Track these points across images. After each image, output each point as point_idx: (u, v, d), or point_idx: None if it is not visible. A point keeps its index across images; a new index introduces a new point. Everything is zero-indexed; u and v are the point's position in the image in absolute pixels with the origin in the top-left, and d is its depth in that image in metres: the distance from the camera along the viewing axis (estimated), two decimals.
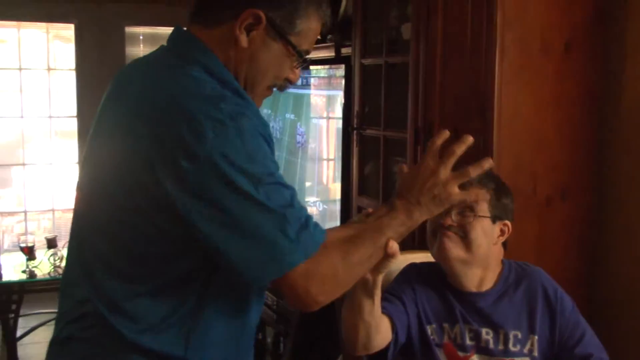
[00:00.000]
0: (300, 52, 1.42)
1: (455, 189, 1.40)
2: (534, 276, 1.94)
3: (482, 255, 1.88)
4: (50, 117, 6.37)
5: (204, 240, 1.26)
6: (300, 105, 4.41)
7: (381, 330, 1.75)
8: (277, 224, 1.25)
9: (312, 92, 4.25)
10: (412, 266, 2.02)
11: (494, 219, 1.87)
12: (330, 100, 4.14)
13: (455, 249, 1.86)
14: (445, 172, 1.39)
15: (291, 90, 4.14)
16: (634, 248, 2.66)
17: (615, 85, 2.70)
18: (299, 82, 4.18)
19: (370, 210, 1.47)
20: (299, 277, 1.26)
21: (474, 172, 1.41)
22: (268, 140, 1.30)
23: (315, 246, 1.28)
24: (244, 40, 1.37)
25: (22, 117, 6.26)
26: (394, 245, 1.38)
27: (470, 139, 1.43)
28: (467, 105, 2.64)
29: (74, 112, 6.31)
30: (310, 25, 1.43)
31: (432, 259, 2.02)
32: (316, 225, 1.31)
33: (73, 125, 6.34)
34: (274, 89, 1.50)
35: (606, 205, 2.75)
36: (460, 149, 1.41)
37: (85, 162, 1.47)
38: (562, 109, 2.66)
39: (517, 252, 2.18)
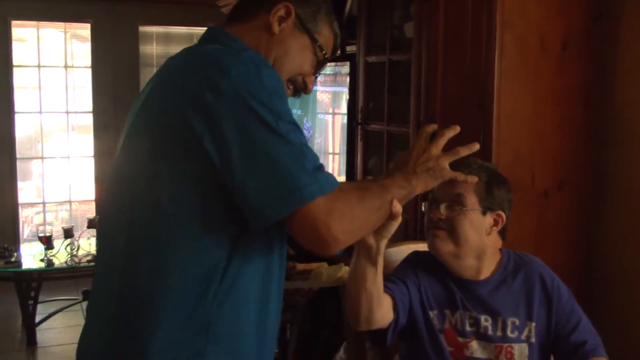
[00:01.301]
0: (321, 46, 1.52)
1: (447, 165, 1.47)
2: (532, 265, 1.93)
3: (473, 246, 1.86)
4: (67, 112, 6.39)
5: (225, 174, 1.26)
6: (307, 101, 4.40)
7: (383, 306, 1.75)
8: (297, 157, 1.26)
9: (319, 88, 4.24)
10: (415, 254, 2.02)
11: (485, 210, 1.85)
12: (335, 96, 4.14)
13: (444, 245, 1.86)
14: (436, 149, 1.47)
15: None
16: (631, 238, 2.65)
17: (610, 83, 2.70)
18: None
19: (370, 178, 1.52)
20: (319, 211, 1.25)
21: (463, 152, 1.50)
22: (282, 93, 1.34)
23: (330, 185, 1.28)
24: (276, 27, 1.47)
25: (40, 112, 6.27)
26: (397, 205, 1.41)
27: (476, 146, 1.52)
28: (467, 101, 2.63)
29: (90, 107, 6.33)
30: (326, 31, 1.54)
31: None
32: (329, 172, 1.33)
33: (89, 120, 6.37)
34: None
35: (603, 196, 2.74)
36: (464, 151, 1.51)
37: (121, 146, 1.51)
38: (560, 105, 2.65)
39: (516, 242, 2.17)
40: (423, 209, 1.95)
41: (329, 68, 4.06)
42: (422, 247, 2.16)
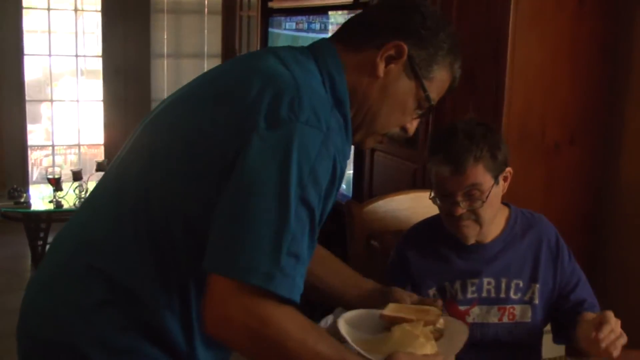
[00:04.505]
0: (429, 96, 1.34)
1: None
2: (539, 226, 1.86)
3: (494, 215, 1.79)
4: (76, 56, 6.32)
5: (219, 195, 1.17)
6: None
7: None
8: (283, 235, 1.12)
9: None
10: (405, 239, 1.92)
11: (497, 179, 1.73)
12: None
13: (473, 231, 1.76)
14: None
15: (310, 34, 4.07)
16: None
17: (626, 39, 2.64)
18: (317, 26, 4.12)
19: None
20: (250, 300, 1.11)
21: None
22: (335, 181, 1.21)
23: (287, 290, 1.13)
24: (381, 69, 1.30)
25: (50, 55, 6.21)
26: None
27: None
28: (482, 51, 2.58)
29: (100, 52, 6.26)
30: (443, 75, 1.36)
31: None
32: (300, 280, 1.16)
33: (98, 65, 6.31)
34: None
35: (614, 151, 2.71)
36: None
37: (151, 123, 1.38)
38: (574, 59, 2.61)
39: (525, 195, 2.16)
40: (430, 196, 1.80)
41: (340, 16, 3.98)
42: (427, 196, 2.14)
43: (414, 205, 2.12)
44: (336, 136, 1.21)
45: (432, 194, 1.77)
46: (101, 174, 4.97)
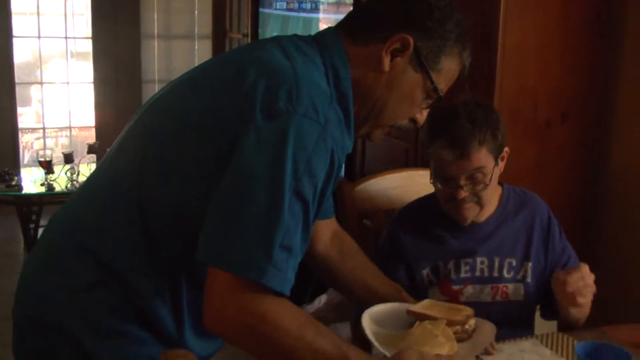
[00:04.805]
0: (437, 88, 1.32)
1: None
2: (531, 204, 1.87)
3: (492, 196, 1.80)
4: (66, 37, 6.27)
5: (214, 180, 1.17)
6: (309, 28, 4.32)
7: None
8: (276, 228, 1.11)
9: (321, 16, 4.15)
10: (397, 221, 1.91)
11: (497, 160, 1.73)
12: None
13: (472, 212, 1.76)
14: None
15: (301, 14, 4.06)
16: (633, 171, 2.63)
17: (617, 17, 2.63)
18: (308, 6, 4.10)
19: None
20: (243, 293, 1.11)
21: None
22: (332, 174, 1.21)
23: (278, 284, 1.13)
24: (387, 63, 1.28)
25: (39, 37, 6.16)
26: None
27: None
28: (473, 30, 2.56)
29: (89, 33, 6.22)
30: (451, 66, 1.33)
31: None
32: (291, 274, 1.16)
33: (88, 47, 6.26)
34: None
35: (605, 129, 2.71)
36: None
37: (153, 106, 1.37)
38: (565, 37, 2.60)
39: (517, 174, 2.15)
40: (430, 180, 1.78)
41: None
42: (422, 173, 2.13)
43: (406, 184, 2.12)
44: (335, 129, 1.19)
45: (433, 178, 1.75)
46: (93, 156, 4.97)
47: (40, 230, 4.86)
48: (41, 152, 4.88)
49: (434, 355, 1.28)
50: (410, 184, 2.11)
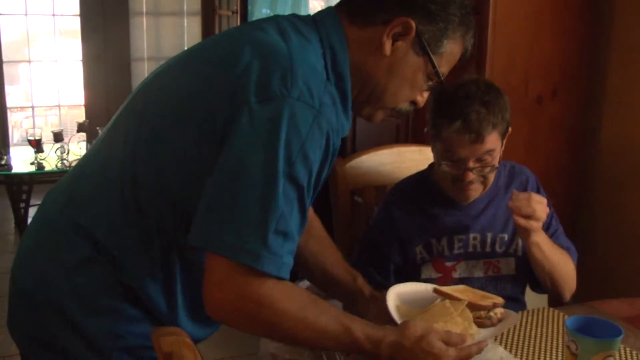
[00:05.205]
0: (439, 72, 1.29)
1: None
2: (521, 177, 1.87)
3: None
4: (54, 15, 6.21)
5: (205, 168, 1.16)
6: (298, 5, 4.30)
7: None
8: (270, 214, 1.10)
9: None
10: (392, 195, 1.90)
11: (503, 141, 1.73)
12: (328, 3, 4.02)
13: (476, 193, 1.76)
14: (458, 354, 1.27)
15: None
16: (622, 145, 2.64)
17: None
18: None
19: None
20: (240, 277, 1.11)
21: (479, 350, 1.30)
22: (328, 158, 1.20)
23: (276, 267, 1.12)
24: (388, 47, 1.25)
25: (26, 14, 6.10)
26: None
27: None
28: None
29: (77, 10, 6.16)
30: (454, 49, 1.31)
31: (423, 154, 1.99)
32: (289, 257, 1.15)
33: (76, 24, 6.20)
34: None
35: (596, 104, 2.72)
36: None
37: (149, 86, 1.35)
38: (555, 12, 2.59)
39: (508, 148, 2.13)
40: (438, 163, 1.75)
41: None
42: (413, 149, 2.13)
43: (398, 160, 2.12)
44: (330, 112, 1.17)
45: (439, 160, 1.73)
46: (82, 134, 4.94)
47: (31, 210, 4.87)
48: (30, 131, 4.85)
49: (445, 330, 1.27)
50: (401, 160, 2.11)
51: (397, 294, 1.48)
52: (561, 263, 1.73)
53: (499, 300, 1.49)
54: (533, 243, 1.67)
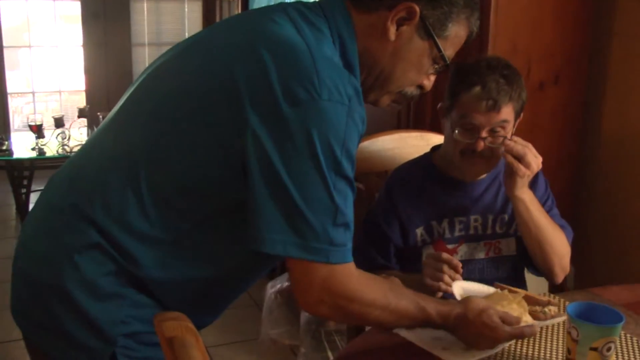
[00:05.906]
0: (444, 56, 1.30)
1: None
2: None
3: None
4: (54, 0, 6.19)
5: (248, 185, 1.16)
6: None
7: None
8: (327, 212, 1.16)
9: None
10: (394, 177, 1.90)
11: (516, 121, 1.75)
12: None
13: (481, 170, 1.78)
14: (509, 333, 1.34)
15: None
16: (624, 131, 2.63)
17: None
18: None
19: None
20: (321, 274, 1.18)
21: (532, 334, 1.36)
22: (355, 143, 1.22)
23: (342, 257, 1.19)
24: (392, 32, 1.26)
25: (26, 0, 6.07)
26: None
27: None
28: None
29: None
30: (459, 32, 1.31)
31: (425, 140, 1.98)
32: (350, 242, 1.22)
33: (76, 9, 6.18)
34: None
35: (598, 89, 2.71)
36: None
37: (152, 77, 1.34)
38: None
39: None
40: (453, 131, 1.74)
41: None
42: (415, 135, 2.13)
43: (399, 146, 2.11)
44: (356, 104, 1.18)
45: (453, 127, 1.72)
46: (83, 120, 4.93)
47: (32, 195, 4.88)
48: (31, 117, 4.85)
49: (503, 310, 1.36)
50: (403, 146, 2.11)
51: (461, 287, 1.57)
52: (550, 229, 1.72)
53: (555, 301, 1.57)
54: (518, 198, 1.69)
